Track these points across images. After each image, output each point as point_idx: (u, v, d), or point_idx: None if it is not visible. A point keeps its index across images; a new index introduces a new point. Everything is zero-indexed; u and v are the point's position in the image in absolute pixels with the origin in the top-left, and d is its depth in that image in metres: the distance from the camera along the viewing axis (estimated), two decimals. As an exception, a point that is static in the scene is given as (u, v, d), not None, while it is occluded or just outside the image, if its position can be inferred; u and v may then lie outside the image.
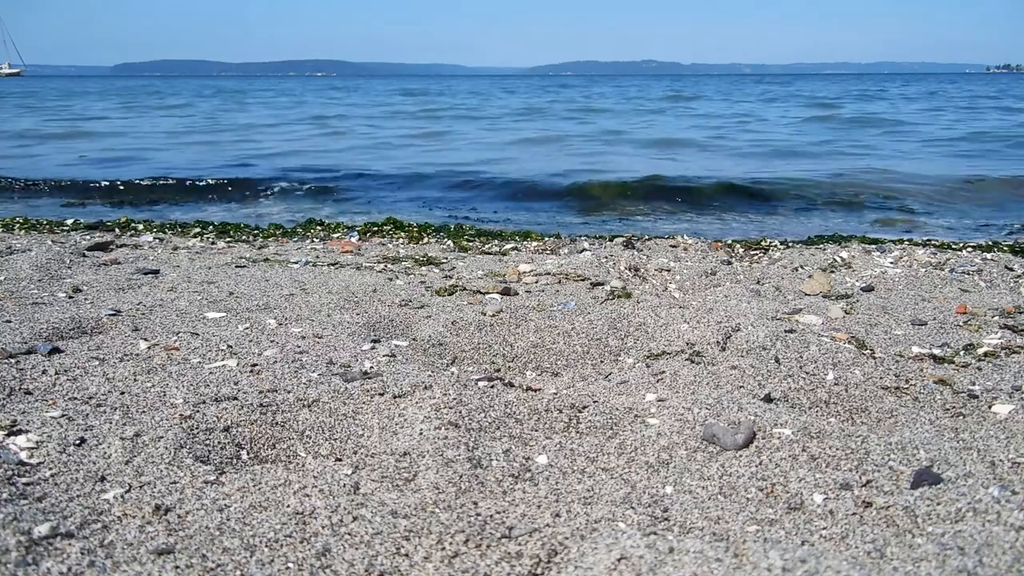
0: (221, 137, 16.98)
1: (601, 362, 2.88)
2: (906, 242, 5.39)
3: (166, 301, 3.31)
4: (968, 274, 4.13)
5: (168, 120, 22.65)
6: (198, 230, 5.81)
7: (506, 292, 3.62)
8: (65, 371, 2.37)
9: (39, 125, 20.15)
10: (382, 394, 2.26)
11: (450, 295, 3.61)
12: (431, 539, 1.55)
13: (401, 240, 5.41)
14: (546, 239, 5.49)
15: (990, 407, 2.31)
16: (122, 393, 2.23)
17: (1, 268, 3.92)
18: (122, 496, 1.67)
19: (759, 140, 16.30)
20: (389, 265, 4.37)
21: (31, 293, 3.46)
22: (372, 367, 2.53)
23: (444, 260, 4.53)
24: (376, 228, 5.89)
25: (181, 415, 2.06)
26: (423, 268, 4.31)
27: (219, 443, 1.97)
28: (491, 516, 1.64)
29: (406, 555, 1.51)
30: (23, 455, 1.81)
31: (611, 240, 5.35)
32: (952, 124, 20.23)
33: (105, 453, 1.83)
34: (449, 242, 5.33)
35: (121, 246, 4.88)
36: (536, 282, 3.93)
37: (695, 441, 2.03)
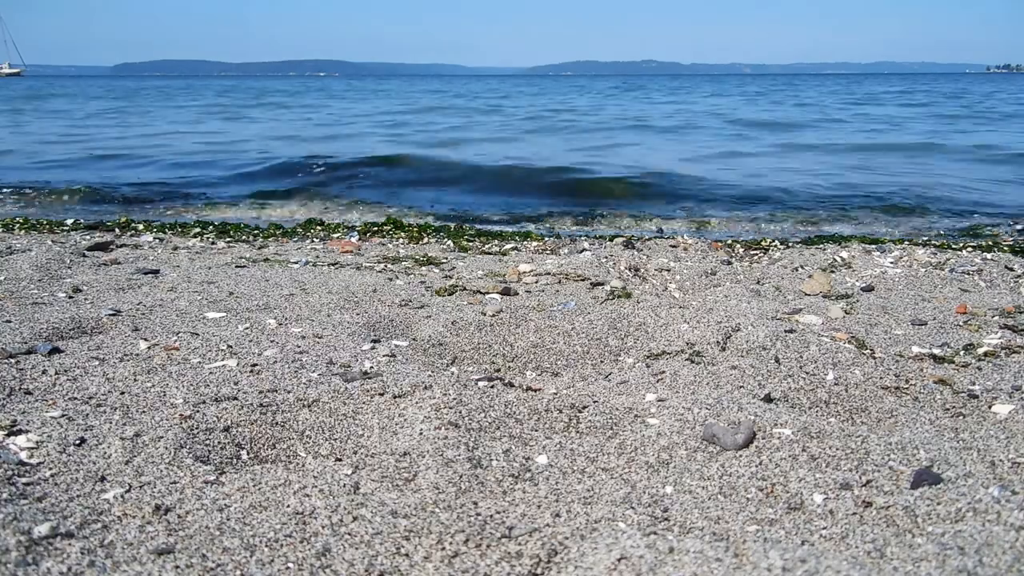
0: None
1: (601, 362, 2.88)
2: (906, 242, 5.39)
3: (166, 301, 3.31)
4: (968, 274, 4.13)
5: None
6: (198, 230, 5.81)
7: (506, 292, 3.62)
8: (65, 371, 2.37)
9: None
10: (382, 394, 2.26)
11: (450, 295, 3.61)
12: (431, 539, 1.55)
13: (401, 240, 5.41)
14: (546, 239, 5.49)
15: (990, 407, 2.31)
16: (122, 393, 2.23)
17: (1, 268, 3.93)
18: (122, 496, 1.67)
19: None
20: (389, 265, 4.37)
21: (31, 293, 3.46)
22: (372, 367, 2.53)
23: (444, 260, 4.53)
24: (376, 228, 5.89)
25: (181, 415, 2.06)
26: (423, 268, 4.31)
27: (219, 443, 1.97)
28: (491, 516, 1.64)
29: (406, 555, 1.51)
30: (23, 455, 1.81)
31: (611, 240, 5.35)
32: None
33: (105, 453, 1.84)
34: (449, 242, 5.33)
35: (121, 246, 4.88)
36: (536, 282, 3.93)
37: (695, 441, 2.03)
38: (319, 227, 6.07)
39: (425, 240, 5.45)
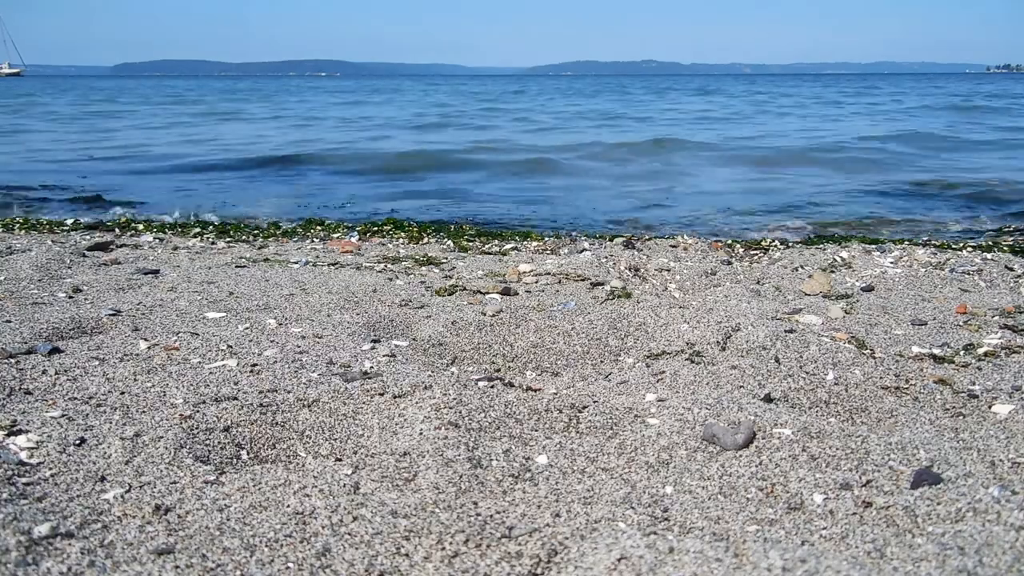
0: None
1: (601, 362, 2.88)
2: (906, 242, 5.39)
3: (166, 301, 3.31)
4: (968, 274, 4.13)
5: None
6: (198, 230, 5.81)
7: (506, 292, 3.62)
8: (65, 371, 2.37)
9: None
10: (382, 394, 2.26)
11: (450, 295, 3.61)
12: (431, 539, 1.55)
13: (401, 240, 5.41)
14: (546, 239, 5.49)
15: (990, 407, 2.31)
16: (122, 393, 2.23)
17: (1, 268, 3.93)
18: (122, 496, 1.67)
19: None
20: (389, 265, 4.37)
21: (31, 293, 3.46)
22: (372, 367, 2.53)
23: (444, 260, 4.53)
24: (376, 228, 5.89)
25: (181, 415, 2.06)
26: (423, 268, 4.31)
27: (219, 443, 1.97)
28: (491, 516, 1.64)
29: (406, 555, 1.51)
30: (23, 455, 1.81)
31: (611, 240, 5.35)
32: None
33: (105, 453, 1.84)
34: (449, 242, 5.33)
35: (121, 246, 4.88)
36: (536, 282, 3.93)
37: (695, 441, 2.03)
38: (319, 227, 6.07)
39: (425, 240, 5.45)
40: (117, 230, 5.63)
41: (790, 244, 5.40)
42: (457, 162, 12.23)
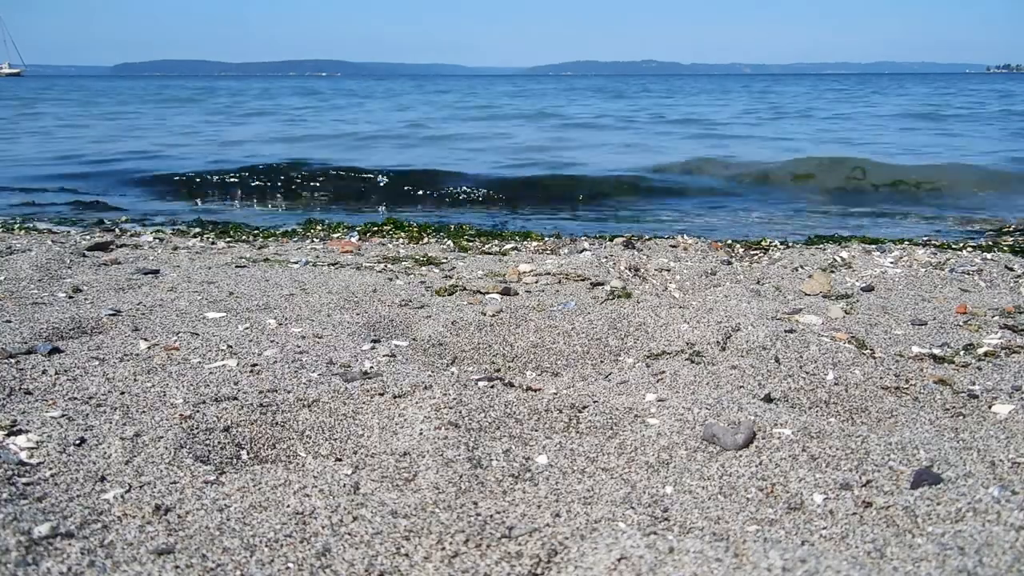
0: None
1: (601, 362, 2.88)
2: (906, 242, 5.39)
3: (166, 301, 3.31)
4: (968, 274, 4.13)
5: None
6: (198, 230, 5.81)
7: (506, 292, 3.62)
8: (65, 371, 2.37)
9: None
10: (382, 394, 2.26)
11: (450, 295, 3.61)
12: (431, 539, 1.55)
13: (401, 240, 5.41)
14: (546, 239, 5.49)
15: (990, 407, 2.31)
16: (122, 393, 2.23)
17: (1, 268, 3.92)
18: (122, 496, 1.67)
19: None
20: (389, 265, 4.37)
21: (31, 293, 3.46)
22: (372, 367, 2.53)
23: (444, 260, 4.53)
24: (376, 228, 5.89)
25: (181, 415, 2.06)
26: (423, 268, 4.31)
27: (219, 443, 1.97)
28: (491, 516, 1.64)
29: (406, 555, 1.51)
30: (23, 455, 1.81)
31: (611, 240, 5.35)
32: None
33: (105, 453, 1.84)
34: (449, 242, 5.33)
35: (121, 246, 4.88)
36: (536, 282, 3.93)
37: (695, 441, 2.03)
38: (319, 227, 6.07)
39: (425, 240, 5.45)
40: (117, 230, 5.63)
41: (790, 244, 5.40)
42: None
